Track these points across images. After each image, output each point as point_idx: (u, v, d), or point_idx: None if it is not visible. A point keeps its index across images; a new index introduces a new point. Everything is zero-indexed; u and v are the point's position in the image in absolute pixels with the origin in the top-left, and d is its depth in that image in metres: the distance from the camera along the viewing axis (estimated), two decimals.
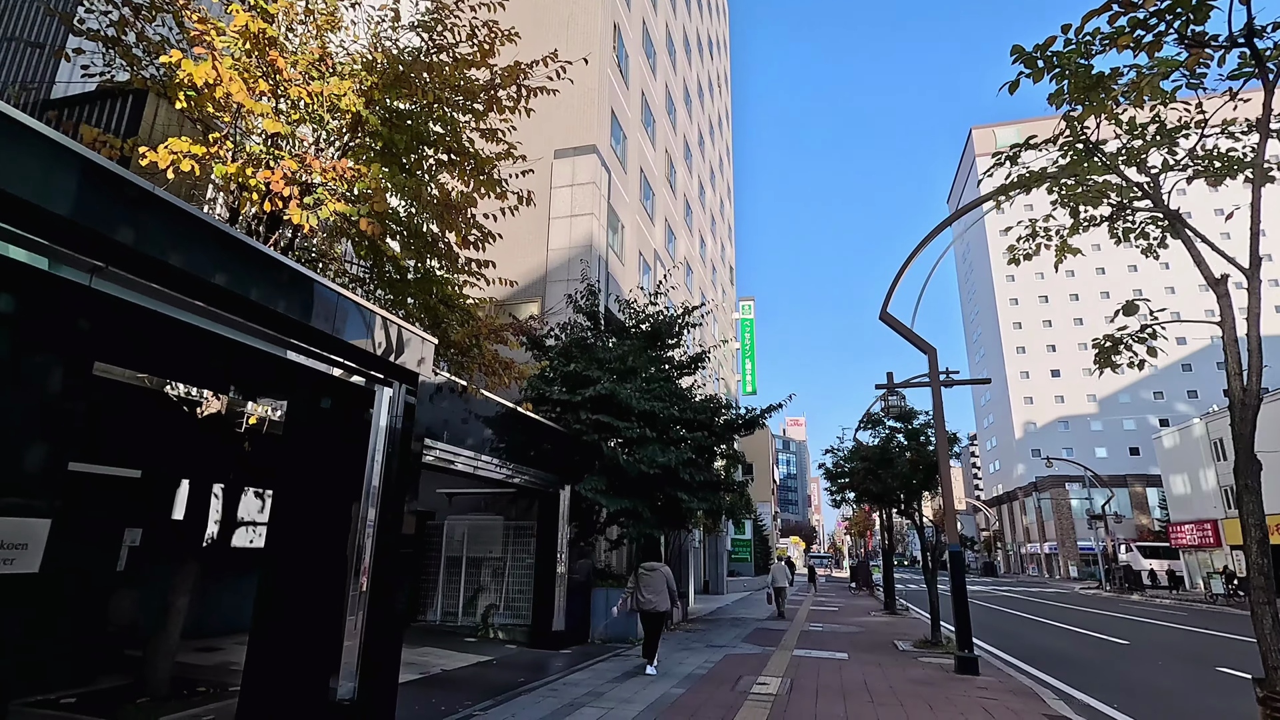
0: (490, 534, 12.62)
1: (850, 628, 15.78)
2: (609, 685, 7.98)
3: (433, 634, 11.51)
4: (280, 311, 4.60)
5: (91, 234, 3.29)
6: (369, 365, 6.17)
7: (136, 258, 3.51)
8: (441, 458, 7.84)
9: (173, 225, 3.70)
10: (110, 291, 3.54)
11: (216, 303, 4.14)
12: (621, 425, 12.23)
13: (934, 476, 12.25)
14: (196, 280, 3.89)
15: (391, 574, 6.00)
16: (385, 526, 6.01)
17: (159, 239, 3.61)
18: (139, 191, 3.49)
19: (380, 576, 5.90)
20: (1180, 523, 41.18)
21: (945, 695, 8.06)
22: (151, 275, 3.67)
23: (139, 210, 3.50)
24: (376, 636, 5.80)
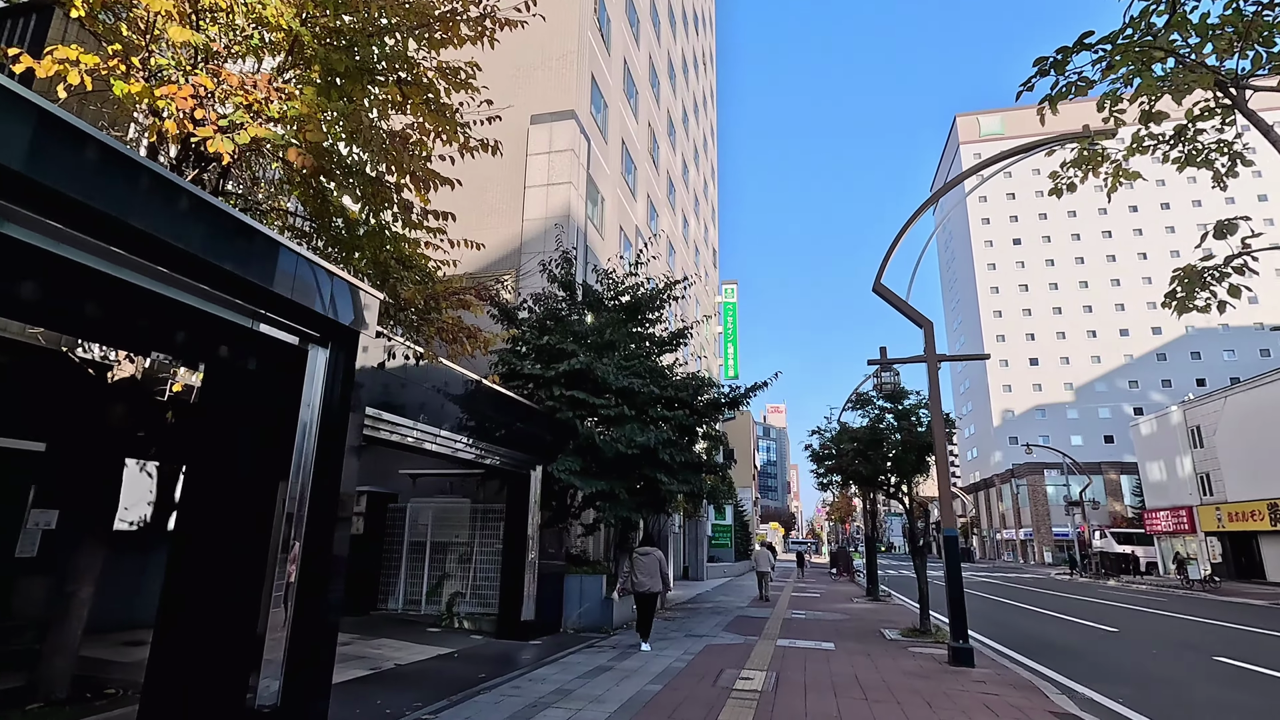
0: (456, 518, 11.83)
1: (834, 615, 15.27)
2: (579, 682, 7.27)
3: (393, 624, 10.73)
4: (187, 250, 3.78)
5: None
6: (299, 320, 5.33)
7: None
8: (394, 432, 7.03)
9: (51, 137, 2.90)
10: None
11: (110, 238, 3.32)
12: (598, 402, 11.48)
13: (927, 458, 11.67)
14: (84, 208, 3.07)
15: (326, 562, 5.21)
16: (319, 508, 5.21)
17: (42, 158, 2.81)
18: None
19: (312, 565, 5.11)
20: (1156, 509, 41.50)
21: (942, 690, 7.46)
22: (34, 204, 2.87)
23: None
24: (306, 633, 5.02)
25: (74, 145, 3.09)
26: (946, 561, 9.37)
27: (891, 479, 12.17)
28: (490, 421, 9.64)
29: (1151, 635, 13.46)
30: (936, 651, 10.14)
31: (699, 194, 38.31)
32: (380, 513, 11.92)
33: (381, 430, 6.77)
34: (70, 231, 3.21)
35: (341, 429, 5.48)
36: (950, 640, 9.15)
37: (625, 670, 7.99)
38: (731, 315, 45.02)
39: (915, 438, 11.31)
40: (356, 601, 11.24)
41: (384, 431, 6.82)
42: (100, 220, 3.24)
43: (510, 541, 10.52)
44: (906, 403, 12.52)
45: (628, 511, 11.90)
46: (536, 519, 10.63)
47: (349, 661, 7.80)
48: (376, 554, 11.73)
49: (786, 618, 14.36)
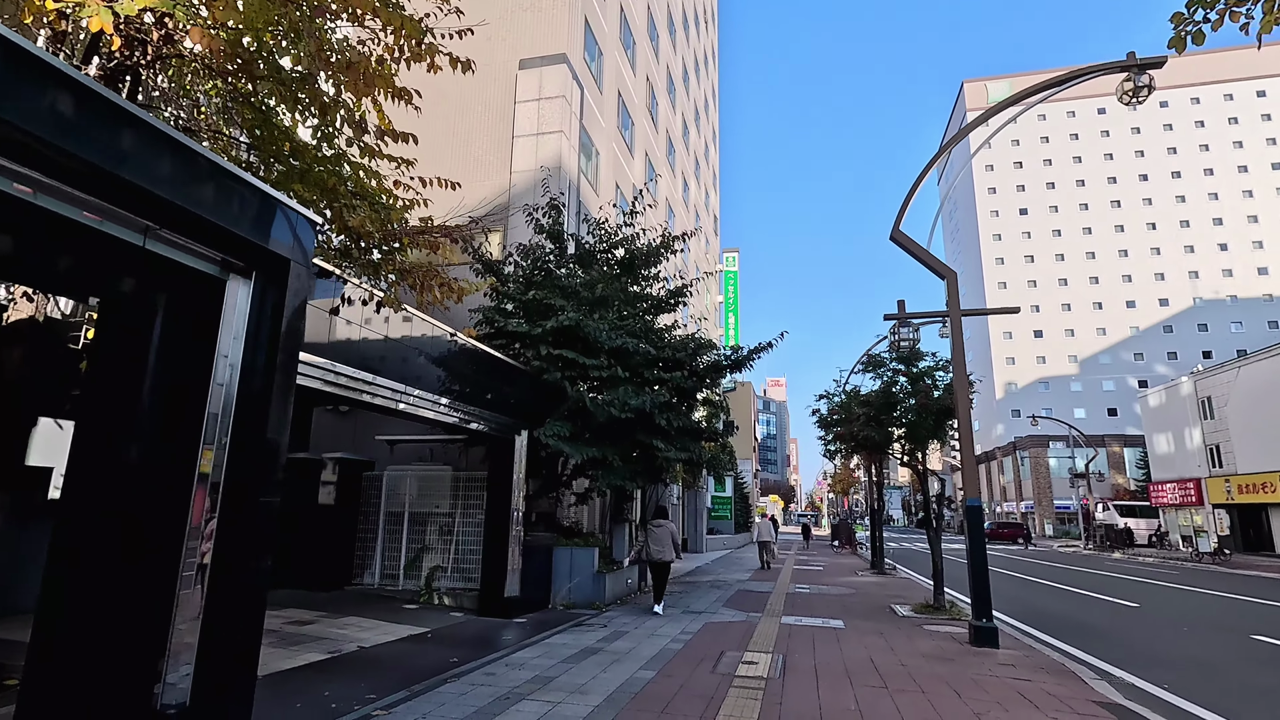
0: (437, 487, 11.00)
1: (840, 589, 14.55)
2: (562, 667, 6.47)
3: (367, 600, 9.96)
4: (70, 150, 2.85)
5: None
6: (210, 242, 4.38)
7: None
8: (350, 388, 6.12)
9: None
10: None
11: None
12: (589, 363, 10.57)
13: (945, 423, 10.80)
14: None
15: (250, 537, 4.32)
16: (241, 474, 4.32)
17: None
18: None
19: (232, 541, 4.23)
20: (1162, 481, 40.88)
21: (969, 676, 6.67)
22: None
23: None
24: (223, 620, 4.16)
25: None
26: (969, 534, 8.54)
27: (905, 445, 11.31)
28: (469, 381, 8.74)
29: (1175, 611, 12.74)
30: (955, 630, 9.37)
31: (700, 157, 36.99)
32: (355, 481, 11.08)
33: (336, 386, 5.87)
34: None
35: (269, 380, 4.57)
36: (972, 619, 8.37)
37: (615, 653, 7.20)
38: (733, 284, 43.97)
39: (933, 401, 10.42)
40: (328, 576, 10.46)
41: (338, 387, 5.92)
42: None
43: (493, 512, 9.69)
44: (922, 364, 11.61)
45: (621, 480, 11.07)
46: (522, 488, 9.79)
47: (306, 644, 7.00)
48: (351, 525, 10.93)
49: (790, 592, 13.64)
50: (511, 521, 9.56)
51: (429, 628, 8.26)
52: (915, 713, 5.31)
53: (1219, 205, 74.96)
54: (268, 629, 7.53)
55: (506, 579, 9.37)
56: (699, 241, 36.90)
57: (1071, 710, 5.61)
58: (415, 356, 7.62)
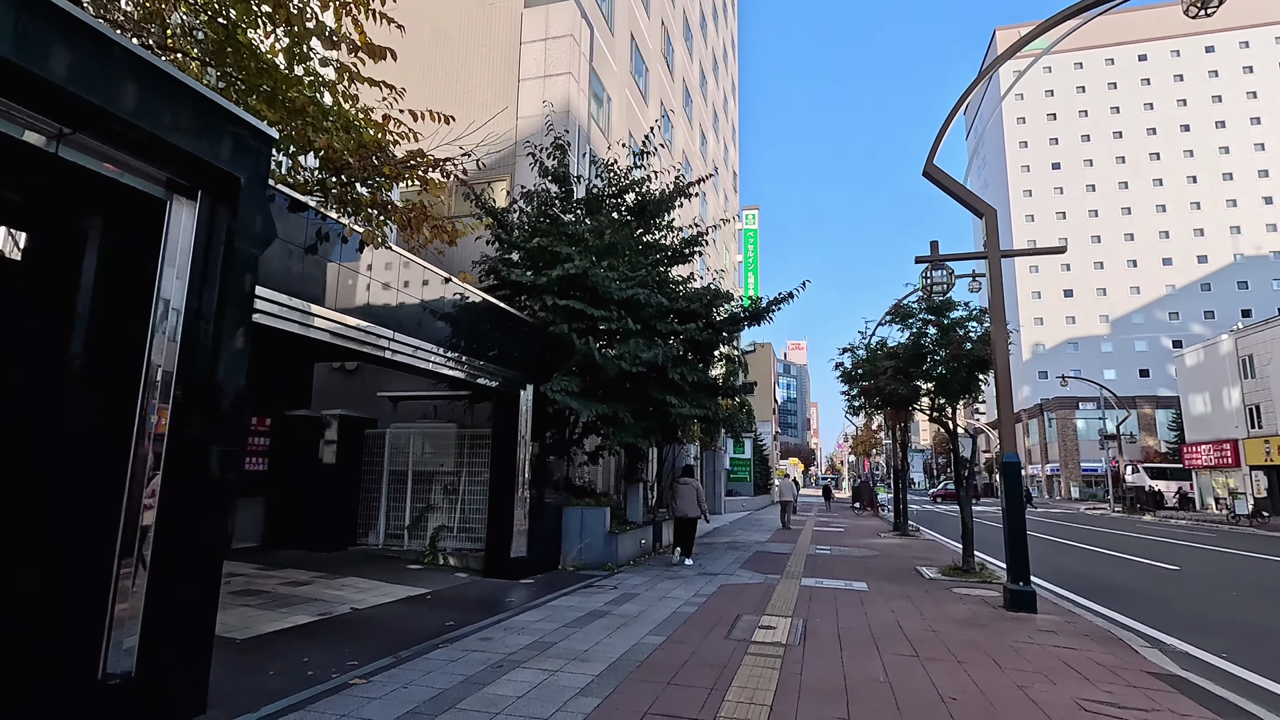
0: (442, 444, 10.58)
1: (862, 550, 14.05)
2: (564, 632, 6.03)
3: (370, 561, 9.64)
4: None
5: None
6: (150, 157, 3.83)
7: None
8: (325, 329, 5.59)
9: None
10: None
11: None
12: (598, 314, 9.98)
13: (979, 376, 10.09)
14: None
15: (201, 496, 3.85)
16: (187, 426, 3.84)
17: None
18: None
19: (180, 500, 3.77)
20: (1197, 443, 39.66)
21: (1007, 643, 6.12)
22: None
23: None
24: (173, 585, 3.72)
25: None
26: (1005, 492, 7.92)
27: (935, 400, 10.63)
28: (467, 330, 8.20)
29: (1218, 575, 12.06)
30: (986, 594, 8.82)
31: (718, 109, 35.64)
32: (357, 439, 10.70)
33: (309, 328, 5.33)
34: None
35: (221, 315, 4.04)
36: (1008, 582, 7.79)
37: (623, 616, 6.75)
38: (752, 243, 42.86)
39: (967, 352, 9.70)
40: (330, 537, 10.16)
41: (312, 329, 5.38)
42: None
43: (498, 470, 9.25)
44: (953, 315, 10.85)
45: (633, 437, 10.57)
46: (528, 444, 9.32)
47: (297, 605, 6.64)
48: (353, 484, 10.58)
49: (810, 554, 13.17)
50: (517, 480, 9.12)
51: (429, 589, 7.89)
52: (951, 684, 4.77)
53: (1265, 156, 71.43)
54: (260, 590, 7.20)
55: (512, 539, 8.97)
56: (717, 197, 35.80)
57: (1125, 682, 5.05)
58: (404, 300, 7.07)
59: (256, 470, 10.49)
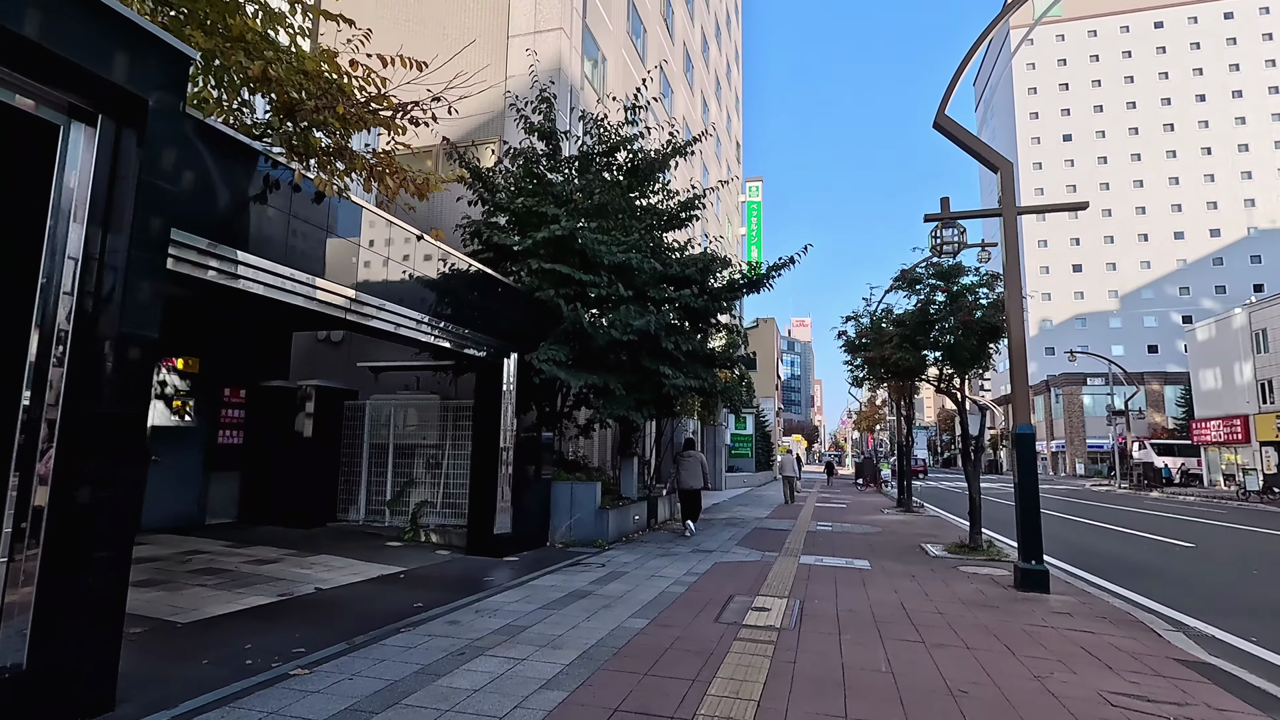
0: (424, 417, 10.12)
1: (864, 527, 13.63)
2: (540, 614, 5.59)
3: (348, 538, 9.23)
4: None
5: None
6: (44, 75, 3.28)
7: None
8: (268, 284, 5.05)
9: None
10: None
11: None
12: (586, 279, 9.44)
13: (990, 345, 9.54)
14: None
15: (100, 472, 3.35)
16: (83, 394, 3.32)
17: None
18: None
19: (77, 479, 3.27)
20: (1206, 419, 39.08)
21: (1020, 626, 5.66)
22: None
23: None
24: (71, 571, 3.25)
25: None
26: (1019, 465, 7.41)
27: (944, 370, 10.09)
28: (444, 294, 7.67)
29: (1235, 552, 11.60)
30: (995, 573, 8.37)
31: (720, 77, 34.62)
32: (335, 411, 10.24)
33: (236, 279, 4.77)
34: None
35: (126, 262, 3.51)
36: (1020, 560, 7.32)
37: (607, 597, 6.31)
38: (756, 216, 42.01)
39: (977, 320, 9.14)
40: (308, 513, 9.74)
41: (242, 281, 4.82)
42: None
43: (480, 443, 8.78)
44: (964, 280, 10.26)
45: (625, 410, 10.07)
46: (512, 416, 8.83)
47: (258, 585, 6.21)
48: (332, 458, 10.15)
49: (811, 530, 12.74)
50: (500, 453, 8.65)
51: (405, 567, 7.47)
52: (962, 674, 4.31)
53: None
54: (221, 569, 6.77)
55: (495, 515, 8.52)
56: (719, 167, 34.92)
57: (1151, 671, 4.58)
58: (375, 261, 6.54)
59: (231, 444, 10.05)
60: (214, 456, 9.76)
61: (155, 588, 5.91)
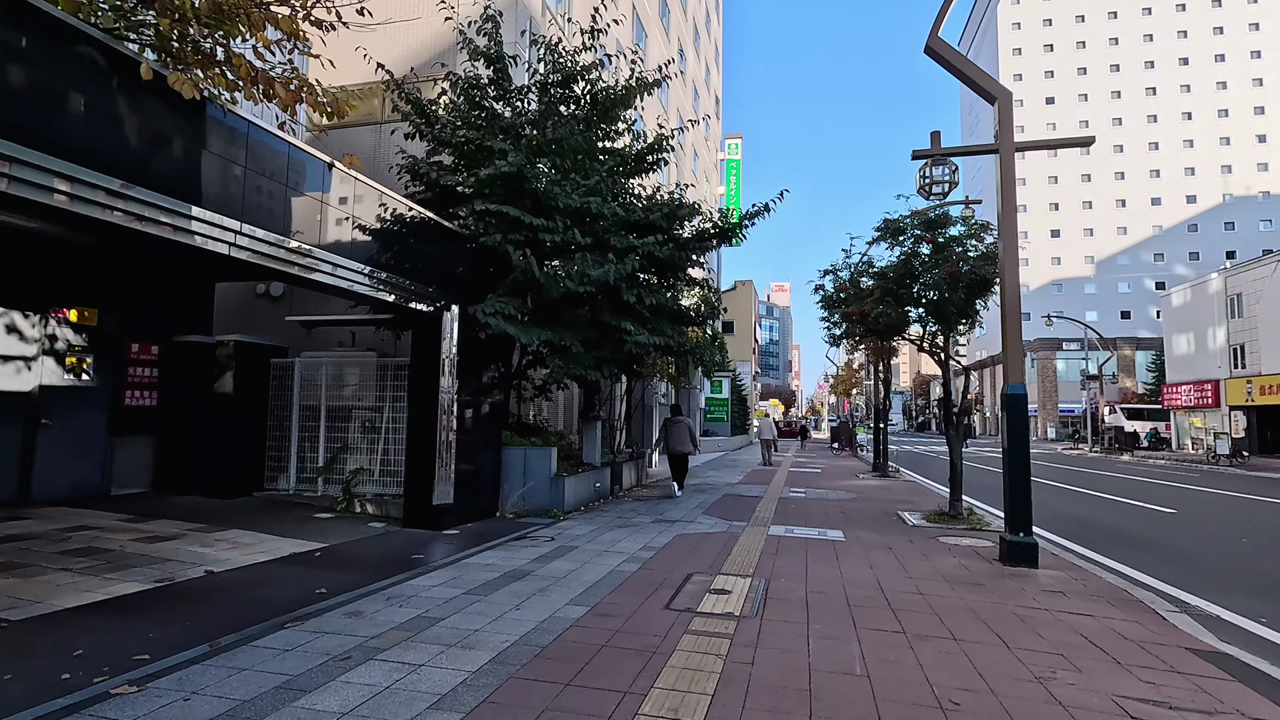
0: (361, 375, 9.19)
1: (839, 493, 13.06)
2: (463, 601, 4.80)
3: (274, 509, 8.36)
4: None
5: None
6: None
7: None
8: (123, 210, 4.08)
9: None
10: None
11: None
12: (538, 223, 8.48)
13: (978, 300, 8.80)
14: None
15: None
16: None
17: None
18: None
19: None
20: (1178, 384, 39.30)
21: (1011, 610, 5.00)
22: None
23: None
24: None
25: None
26: (1008, 428, 6.73)
27: (927, 327, 9.36)
28: (366, 232, 6.69)
29: (1218, 518, 11.20)
30: (978, 543, 7.77)
31: (700, 25, 33.04)
32: (261, 370, 9.25)
33: (80, 203, 3.82)
34: None
35: None
36: (1007, 532, 6.69)
37: (546, 578, 5.54)
38: (735, 175, 40.78)
39: (965, 273, 8.37)
40: (233, 481, 8.83)
41: (87, 204, 3.87)
42: None
43: (417, 405, 7.89)
44: (951, 231, 9.48)
45: (583, 369, 9.23)
46: (452, 375, 7.94)
47: (137, 569, 5.33)
48: (258, 421, 9.19)
49: (783, 497, 12.12)
50: (440, 416, 7.78)
51: (325, 544, 6.63)
52: (950, 676, 3.61)
53: (1263, 92, 69.52)
54: (102, 548, 5.88)
55: (434, 484, 7.70)
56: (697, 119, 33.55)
57: (1165, 665, 3.94)
58: (276, 190, 5.53)
59: (142, 405, 9.04)
60: (120, 419, 8.75)
61: (6, 573, 5.01)
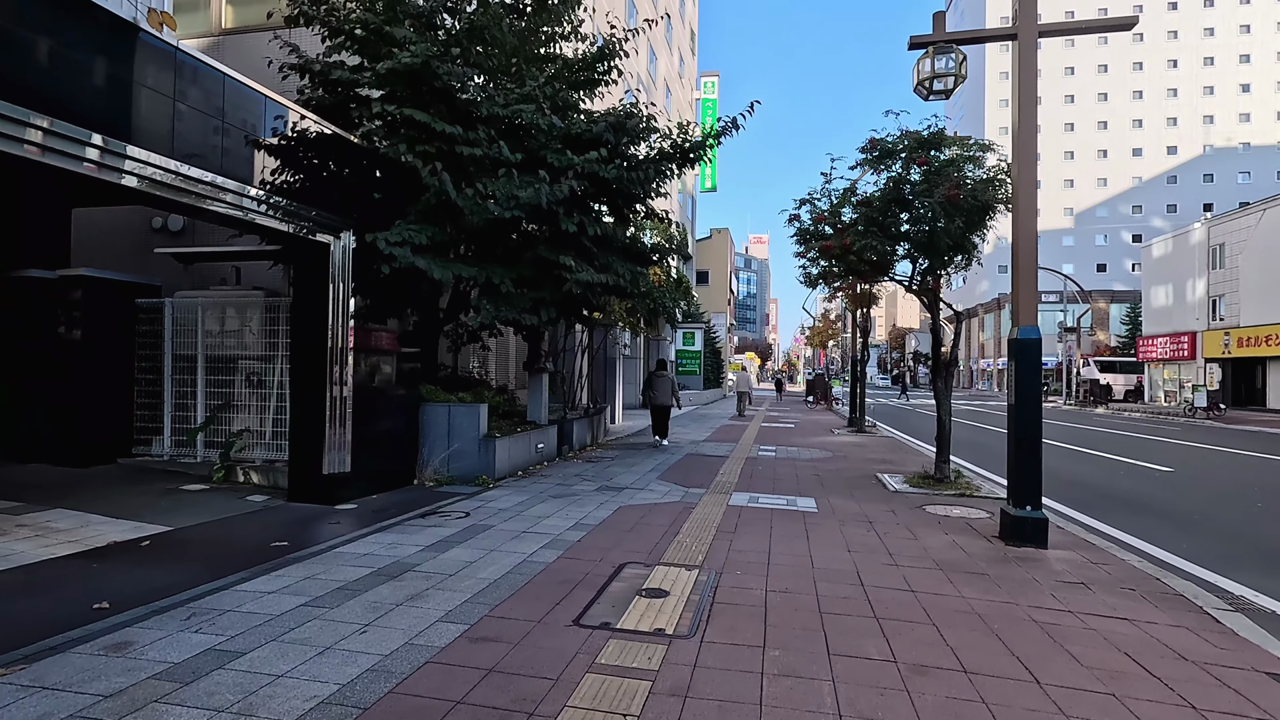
0: (246, 319, 7.69)
1: (813, 451, 11.97)
2: (293, 619, 3.50)
3: (136, 480, 6.96)
4: None
5: None
6: None
7: None
8: None
9: None
10: None
11: None
12: (453, 132, 6.94)
13: (977, 230, 7.51)
14: None
15: None
16: None
17: None
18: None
19: None
20: (1154, 336, 38.96)
21: (1026, 612, 3.85)
22: None
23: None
24: None
25: None
26: (1019, 383, 5.55)
27: (918, 264, 8.06)
28: (223, 134, 5.14)
29: (1218, 476, 10.32)
30: (970, 514, 6.66)
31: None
32: (121, 311, 7.71)
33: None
34: None
35: None
36: (1010, 505, 5.54)
37: (430, 576, 4.26)
38: (711, 115, 38.67)
39: (968, 191, 7.04)
40: (89, 445, 7.38)
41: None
42: None
43: (302, 353, 6.46)
44: (947, 153, 8.11)
45: (515, 312, 7.84)
46: (345, 317, 6.50)
47: None
48: (120, 374, 7.70)
49: (751, 456, 10.99)
50: (331, 368, 6.37)
51: (169, 527, 5.28)
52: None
53: (1249, 39, 68.16)
54: None
55: (325, 450, 6.34)
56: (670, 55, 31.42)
57: (1252, 704, 2.80)
58: (80, 60, 3.97)
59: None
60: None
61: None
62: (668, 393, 12.38)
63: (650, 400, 12.58)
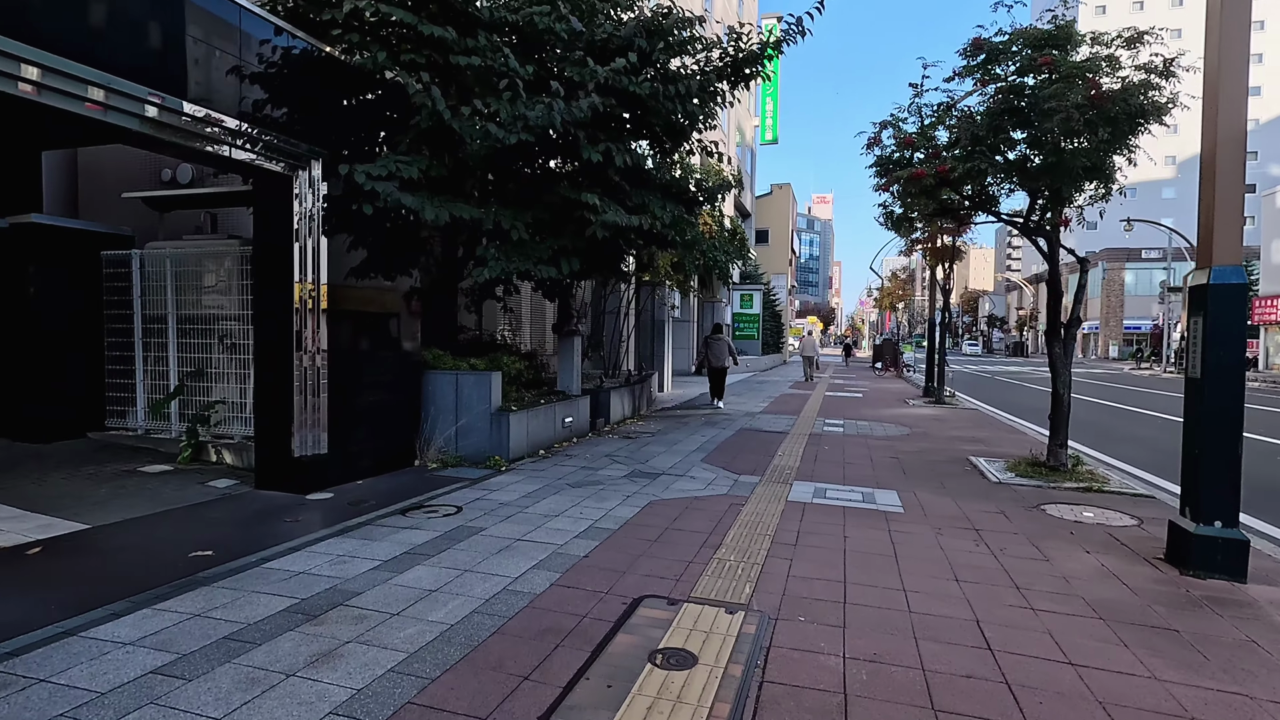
0: (222, 272, 6.65)
1: (887, 426, 10.37)
2: (131, 696, 2.34)
3: (96, 458, 6.09)
4: None
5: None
6: None
7: None
8: None
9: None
10: None
11: None
12: (443, 35, 5.61)
13: (1122, 145, 5.71)
14: None
15: None
16: None
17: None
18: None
19: None
20: (1273, 296, 34.66)
21: (1271, 712, 2.35)
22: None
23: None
24: None
25: None
26: (1206, 343, 3.89)
27: (1040, 194, 6.30)
28: (145, 34, 3.97)
29: None
30: (1109, 519, 5.06)
31: None
32: (88, 266, 6.79)
33: None
34: None
35: None
36: (1187, 519, 3.95)
37: (365, 618, 3.07)
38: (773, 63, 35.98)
39: (1117, 93, 5.26)
40: (51, 419, 6.56)
41: None
42: None
43: (265, 313, 5.36)
44: (1078, 55, 6.27)
45: (530, 264, 6.54)
46: (318, 266, 5.34)
47: None
48: (89, 336, 6.82)
49: (815, 433, 9.50)
50: (295, 335, 5.25)
51: (87, 524, 4.28)
52: None
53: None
54: None
55: (294, 429, 5.26)
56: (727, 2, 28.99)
57: None
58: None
59: None
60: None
61: None
62: (724, 354, 12.65)
63: (707, 363, 12.87)
